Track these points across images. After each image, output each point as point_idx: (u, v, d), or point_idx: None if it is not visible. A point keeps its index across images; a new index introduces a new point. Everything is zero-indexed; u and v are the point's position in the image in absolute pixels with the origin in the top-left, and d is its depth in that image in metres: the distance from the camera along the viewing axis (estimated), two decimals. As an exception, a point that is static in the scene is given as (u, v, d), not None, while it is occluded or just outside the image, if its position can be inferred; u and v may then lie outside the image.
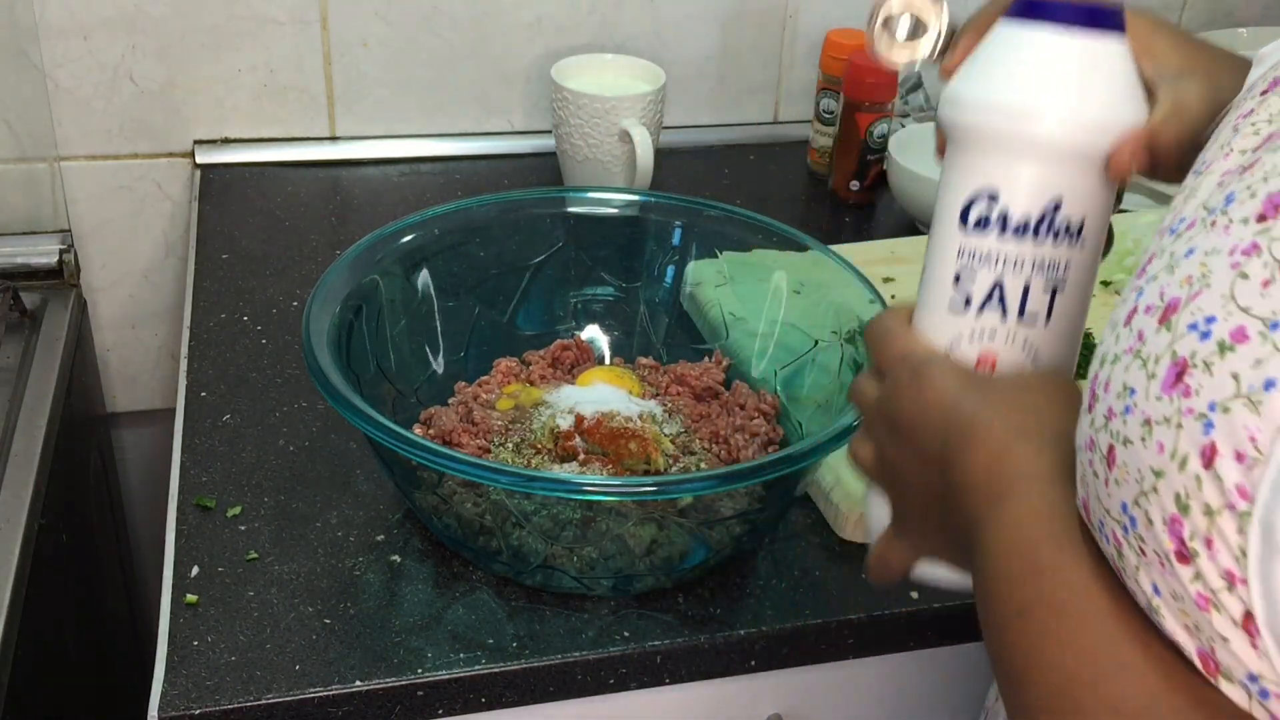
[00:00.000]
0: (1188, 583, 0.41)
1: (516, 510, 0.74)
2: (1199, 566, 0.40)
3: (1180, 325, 0.42)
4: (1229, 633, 0.40)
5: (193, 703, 0.70)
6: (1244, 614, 0.39)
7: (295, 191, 1.23)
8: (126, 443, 1.39)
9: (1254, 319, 0.40)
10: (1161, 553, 0.42)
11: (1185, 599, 0.42)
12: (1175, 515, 0.41)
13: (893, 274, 1.07)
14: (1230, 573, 0.39)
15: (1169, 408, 0.41)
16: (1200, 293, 0.42)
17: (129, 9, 1.18)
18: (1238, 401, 0.39)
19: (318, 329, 0.77)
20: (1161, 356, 0.42)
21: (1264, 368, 0.38)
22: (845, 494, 0.83)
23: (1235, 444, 0.39)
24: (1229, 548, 0.39)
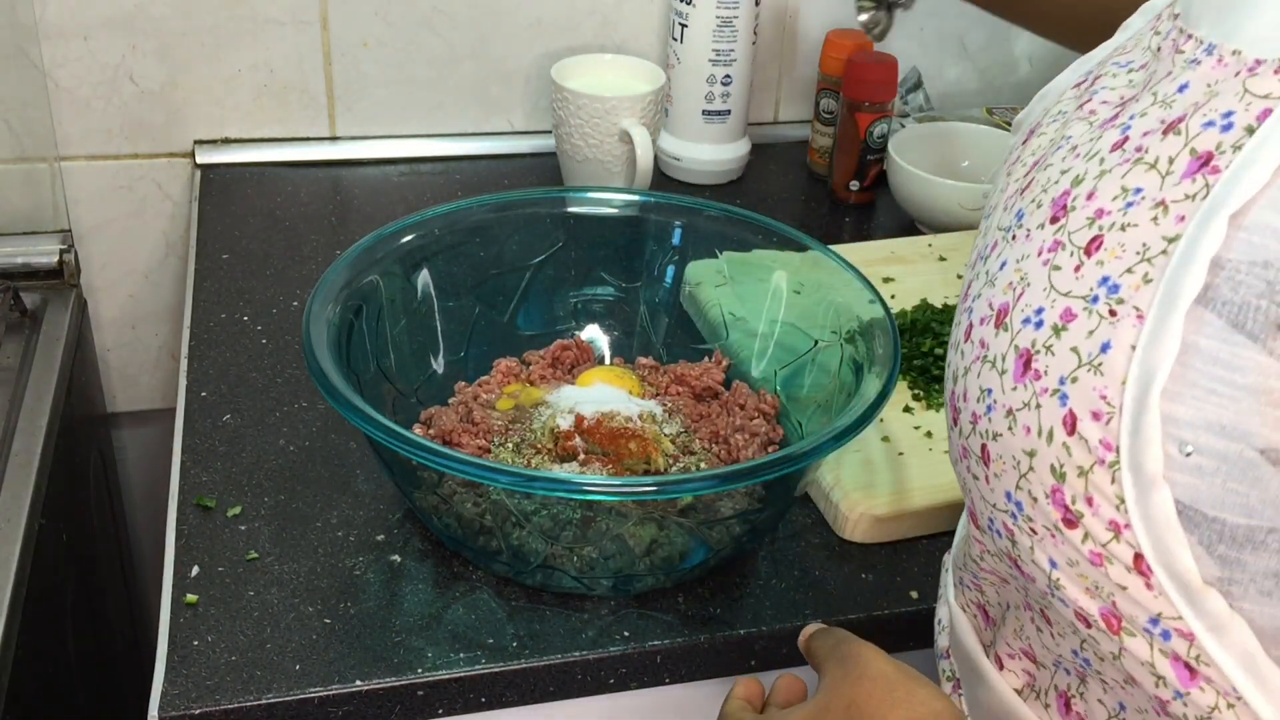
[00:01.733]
0: (1079, 544, 0.45)
1: (516, 510, 0.74)
2: (1085, 526, 0.44)
3: (1015, 323, 0.48)
4: (1125, 580, 0.44)
5: (193, 703, 0.70)
6: (1134, 557, 0.43)
7: (295, 191, 1.23)
8: (126, 443, 1.39)
9: (1075, 299, 0.45)
10: (1050, 525, 0.46)
11: (1080, 561, 0.45)
12: (1055, 485, 0.45)
13: (892, 274, 1.07)
14: (1114, 522, 0.43)
15: (1025, 394, 0.46)
16: (1023, 292, 0.48)
17: (129, 9, 1.18)
18: (1082, 369, 0.44)
19: (318, 329, 0.77)
20: (1006, 354, 0.48)
21: (1096, 336, 0.44)
22: (845, 494, 0.84)
23: (1090, 406, 0.43)
24: (1108, 499, 0.43)
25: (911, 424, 0.90)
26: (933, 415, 0.91)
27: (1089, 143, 0.49)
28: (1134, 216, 0.45)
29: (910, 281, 1.07)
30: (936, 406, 0.92)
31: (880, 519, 0.83)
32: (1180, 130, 0.44)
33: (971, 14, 1.40)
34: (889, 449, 0.88)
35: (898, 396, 0.92)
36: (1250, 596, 0.42)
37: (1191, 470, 0.41)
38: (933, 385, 0.94)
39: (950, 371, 0.53)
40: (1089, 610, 0.46)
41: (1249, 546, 0.41)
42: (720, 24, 1.22)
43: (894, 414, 0.91)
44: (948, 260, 1.11)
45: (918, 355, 0.95)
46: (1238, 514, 0.41)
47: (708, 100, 1.26)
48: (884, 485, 0.85)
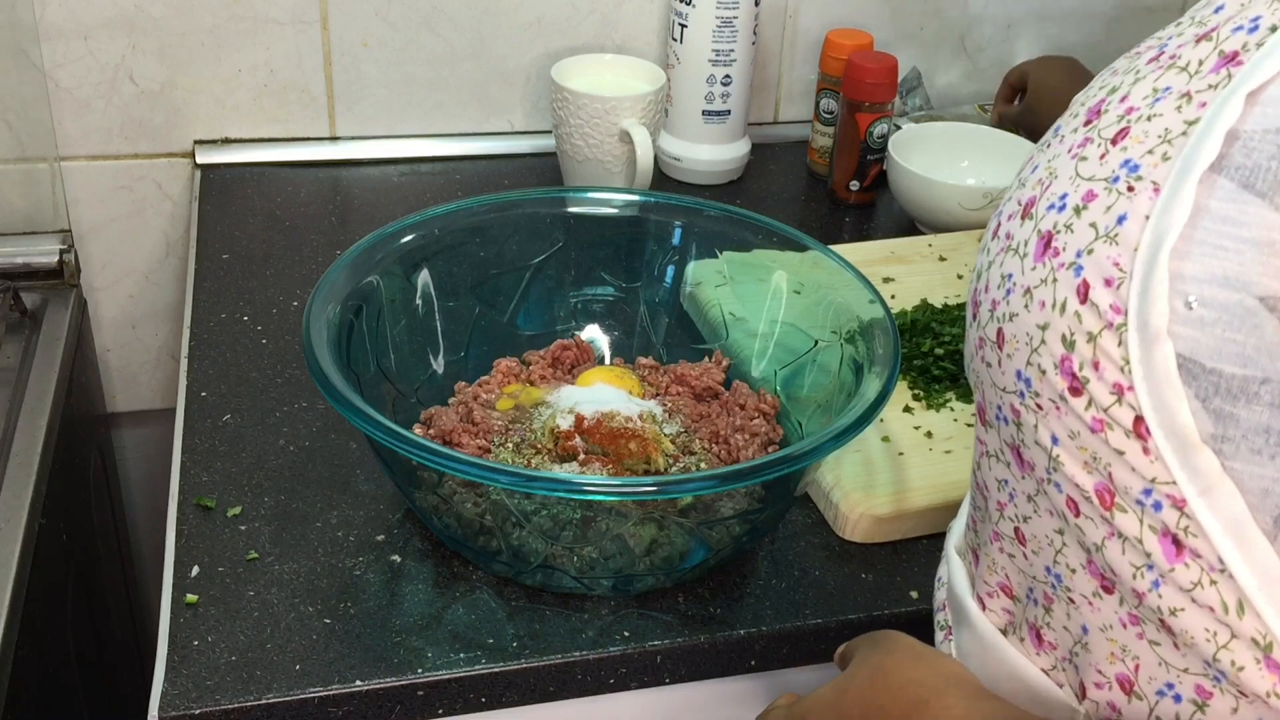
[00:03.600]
0: (1082, 412, 0.47)
1: (516, 510, 0.74)
2: (1090, 392, 0.47)
3: (1040, 210, 0.50)
4: (1123, 445, 0.46)
5: (193, 703, 0.70)
6: (1134, 420, 0.45)
7: (295, 191, 1.23)
8: (126, 443, 1.39)
9: (1098, 181, 0.48)
10: (1056, 396, 0.48)
11: (1081, 432, 0.47)
12: (1064, 355, 0.47)
13: (892, 274, 1.07)
14: (1118, 384, 0.46)
15: (1044, 271, 0.49)
16: (1050, 184, 0.51)
17: (129, 9, 1.18)
18: (1099, 242, 0.47)
19: (318, 329, 0.77)
20: (1029, 239, 0.50)
21: (1113, 210, 0.47)
22: (845, 494, 0.84)
23: (1103, 273, 0.46)
24: (1113, 362, 0.46)
25: (911, 424, 0.90)
26: (933, 415, 0.92)
27: (1127, 63, 0.53)
28: (1160, 108, 0.47)
29: (910, 281, 1.07)
30: (937, 406, 0.92)
31: (880, 519, 0.83)
32: (1211, 37, 0.47)
33: (972, 14, 1.40)
34: (889, 449, 0.88)
35: (898, 396, 0.92)
36: (1241, 455, 0.44)
37: (1194, 323, 0.44)
38: (933, 385, 0.94)
39: (975, 271, 0.55)
40: (1085, 486, 0.48)
41: (1243, 399, 0.43)
42: (720, 24, 1.22)
43: (894, 414, 0.91)
44: (948, 260, 1.11)
45: (918, 355, 0.95)
46: (1234, 364, 0.43)
47: (708, 100, 1.26)
48: (884, 485, 0.85)
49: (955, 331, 0.97)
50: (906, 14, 1.38)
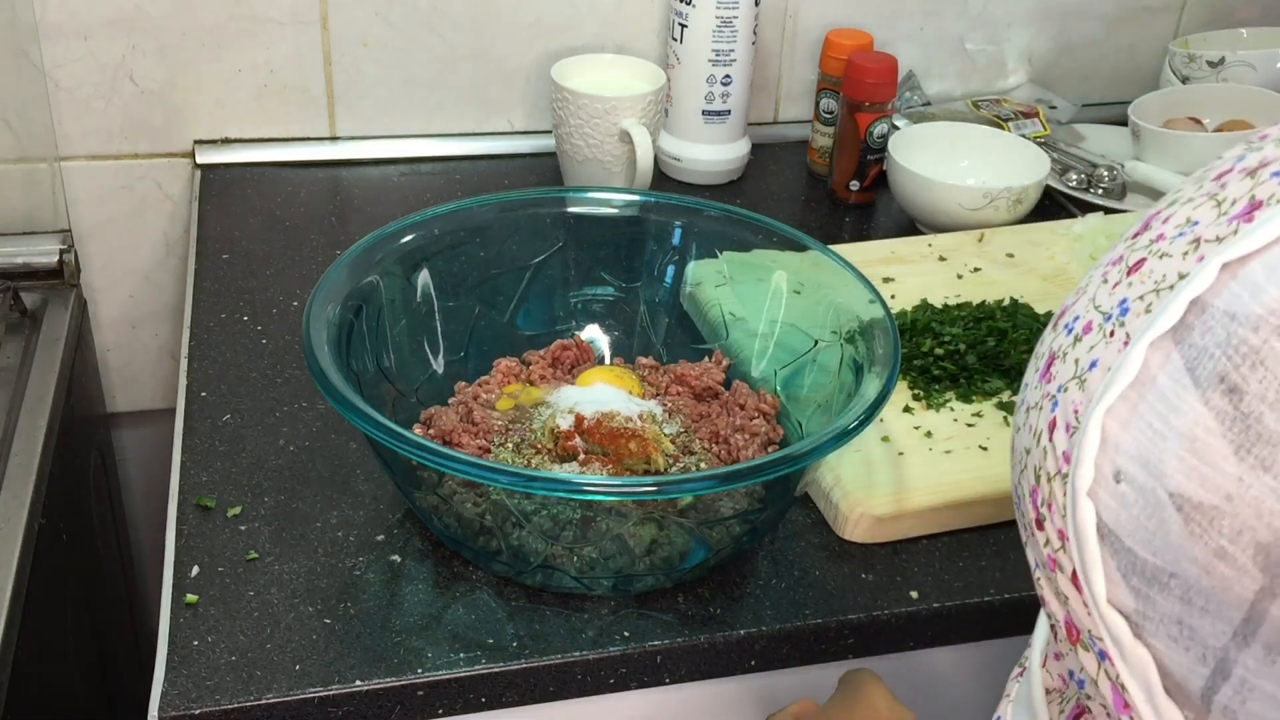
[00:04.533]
0: (1042, 547, 0.46)
1: (516, 510, 0.74)
2: (1046, 530, 0.46)
3: (1060, 326, 0.49)
4: (1068, 591, 0.45)
5: (193, 703, 0.70)
6: (1072, 572, 0.44)
7: (295, 191, 1.23)
8: (126, 443, 1.39)
9: (1099, 313, 0.46)
10: (1028, 523, 0.47)
11: (1044, 564, 0.47)
12: (1034, 486, 0.47)
13: (892, 274, 1.07)
14: (1061, 531, 0.45)
15: (1038, 394, 0.48)
16: (1078, 299, 0.49)
17: (129, 9, 1.18)
18: (1073, 382, 0.45)
19: (318, 329, 0.77)
20: (1043, 354, 0.49)
21: (1093, 351, 0.45)
22: (845, 494, 0.84)
23: (1066, 417, 0.45)
24: (1059, 508, 0.45)
25: (911, 424, 0.90)
26: (933, 415, 0.92)
27: (1203, 171, 0.49)
28: (1175, 247, 0.44)
29: (910, 281, 1.07)
30: (936, 406, 0.92)
31: (880, 519, 0.83)
32: (1257, 175, 0.44)
33: (972, 14, 1.40)
34: (889, 449, 0.88)
35: (898, 396, 0.92)
36: (1159, 636, 0.42)
37: (1117, 496, 0.42)
38: (933, 385, 0.94)
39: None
40: (1056, 616, 0.47)
41: (1156, 585, 0.41)
42: (720, 24, 1.22)
43: (894, 414, 0.91)
44: (948, 260, 1.11)
45: (918, 355, 0.95)
46: (1146, 549, 0.41)
47: (708, 100, 1.26)
48: (884, 485, 0.85)
49: (955, 331, 0.97)
50: (906, 14, 1.38)
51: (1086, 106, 1.48)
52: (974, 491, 0.85)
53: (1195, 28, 1.48)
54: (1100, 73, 1.49)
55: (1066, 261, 1.11)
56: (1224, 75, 1.35)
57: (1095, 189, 1.27)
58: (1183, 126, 1.31)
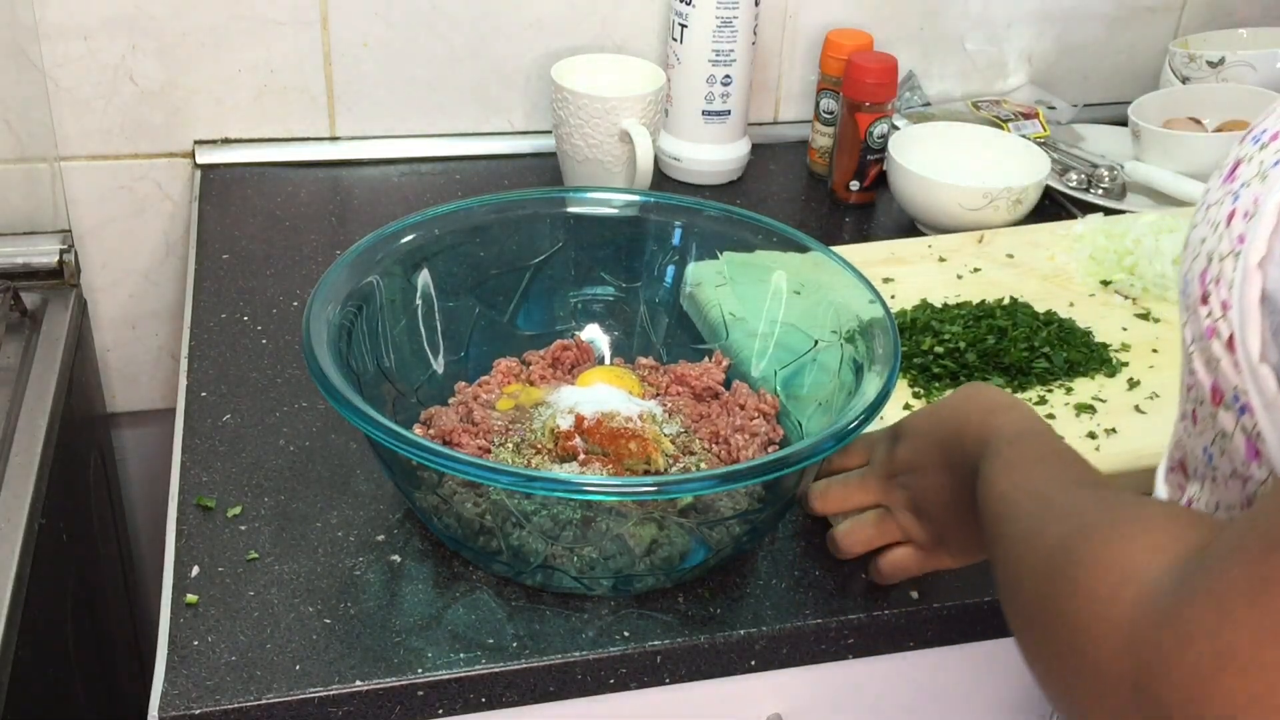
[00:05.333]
0: (1203, 319, 0.52)
1: (516, 510, 0.74)
2: (1210, 303, 0.52)
3: (1248, 139, 0.54)
4: (1221, 354, 0.51)
5: (193, 703, 0.70)
6: (1229, 336, 0.51)
7: (295, 191, 1.23)
8: (126, 443, 1.39)
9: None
10: (1191, 303, 0.54)
11: (1200, 337, 0.53)
12: (1204, 268, 0.53)
13: (892, 274, 1.07)
14: (1225, 302, 0.51)
15: (1221, 192, 0.54)
16: (1268, 117, 0.54)
17: (129, 9, 1.18)
18: (1256, 178, 0.51)
19: (318, 329, 0.77)
20: (1229, 162, 0.55)
21: (1278, 154, 0.51)
22: None
23: (1245, 207, 0.51)
24: (1226, 282, 0.51)
25: None
26: None
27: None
28: None
29: (910, 282, 1.07)
30: None
31: None
32: None
33: (972, 14, 1.40)
34: None
35: (898, 395, 0.92)
36: None
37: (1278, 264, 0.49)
38: (933, 384, 0.94)
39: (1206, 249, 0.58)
40: (1205, 383, 0.53)
41: None
42: (720, 24, 1.22)
43: (894, 412, 0.91)
44: (948, 260, 1.11)
45: (918, 354, 0.95)
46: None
47: (708, 100, 1.26)
48: None
49: (955, 330, 0.97)
50: (906, 14, 1.38)
51: (1086, 106, 1.48)
52: None
53: (1195, 28, 1.48)
54: (1100, 73, 1.49)
55: (1066, 262, 1.11)
56: (1224, 75, 1.35)
57: (1095, 189, 1.27)
58: (1183, 127, 1.30)
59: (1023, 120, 1.36)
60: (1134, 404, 0.93)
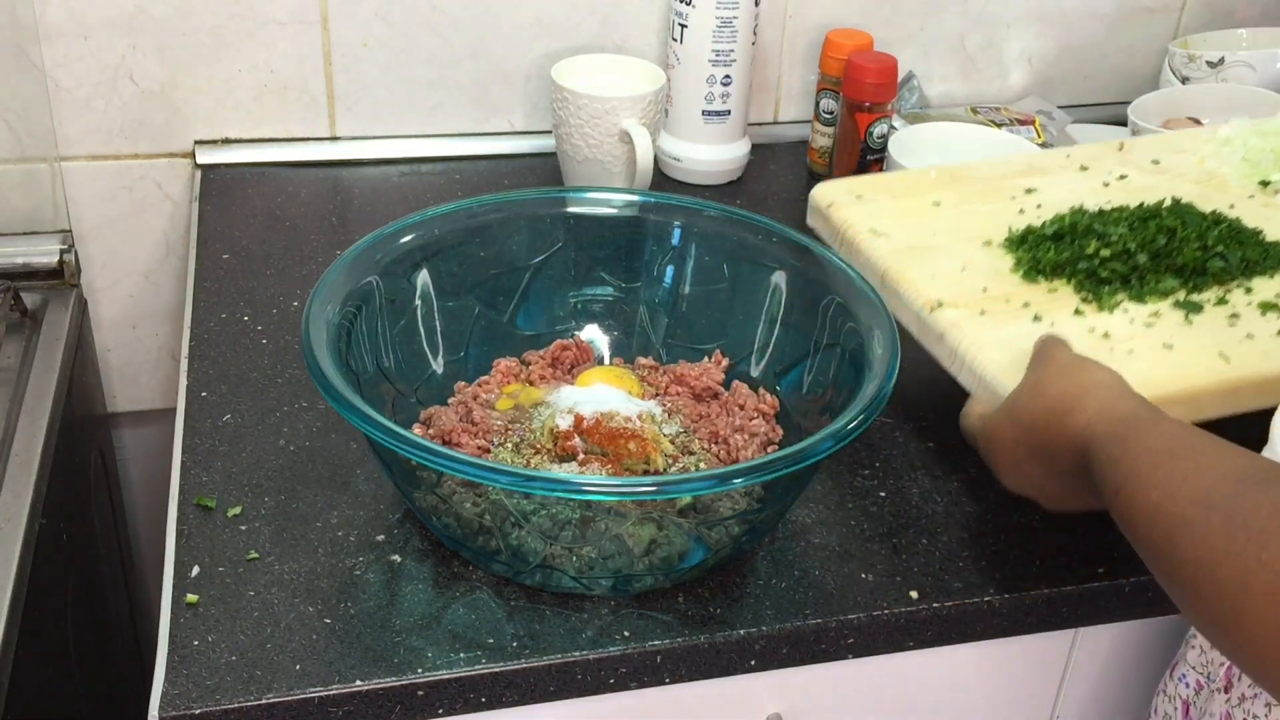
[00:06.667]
0: None
1: (516, 510, 0.74)
2: None
3: None
4: None
5: (193, 702, 0.70)
6: None
7: (295, 191, 1.23)
8: (126, 443, 1.39)
9: None
10: None
11: None
12: None
13: (1034, 184, 1.02)
14: None
15: None
16: None
17: (129, 9, 1.18)
18: None
19: (317, 329, 0.77)
20: None
21: None
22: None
23: None
24: None
25: (1085, 326, 0.86)
26: (1106, 317, 0.87)
27: None
28: None
29: (1055, 191, 1.02)
30: (1110, 308, 0.88)
31: None
32: None
33: (971, 15, 1.40)
34: None
35: (1065, 301, 0.89)
36: None
37: None
38: (1102, 288, 0.89)
39: None
40: None
41: None
42: (720, 24, 1.22)
43: (1065, 317, 0.87)
44: (1089, 169, 1.05)
45: (1082, 258, 0.91)
46: None
47: (708, 100, 1.26)
48: None
49: (1122, 231, 0.92)
50: (906, 14, 1.38)
51: (1086, 107, 1.48)
52: (1163, 391, 0.78)
53: (1195, 28, 1.48)
54: (1100, 73, 1.49)
55: (1217, 166, 1.05)
56: (1223, 75, 1.35)
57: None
58: (1182, 126, 1.30)
59: (1019, 127, 1.36)
60: None
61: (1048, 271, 0.91)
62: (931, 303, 0.89)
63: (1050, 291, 0.90)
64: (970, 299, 0.89)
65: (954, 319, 0.87)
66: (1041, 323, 0.86)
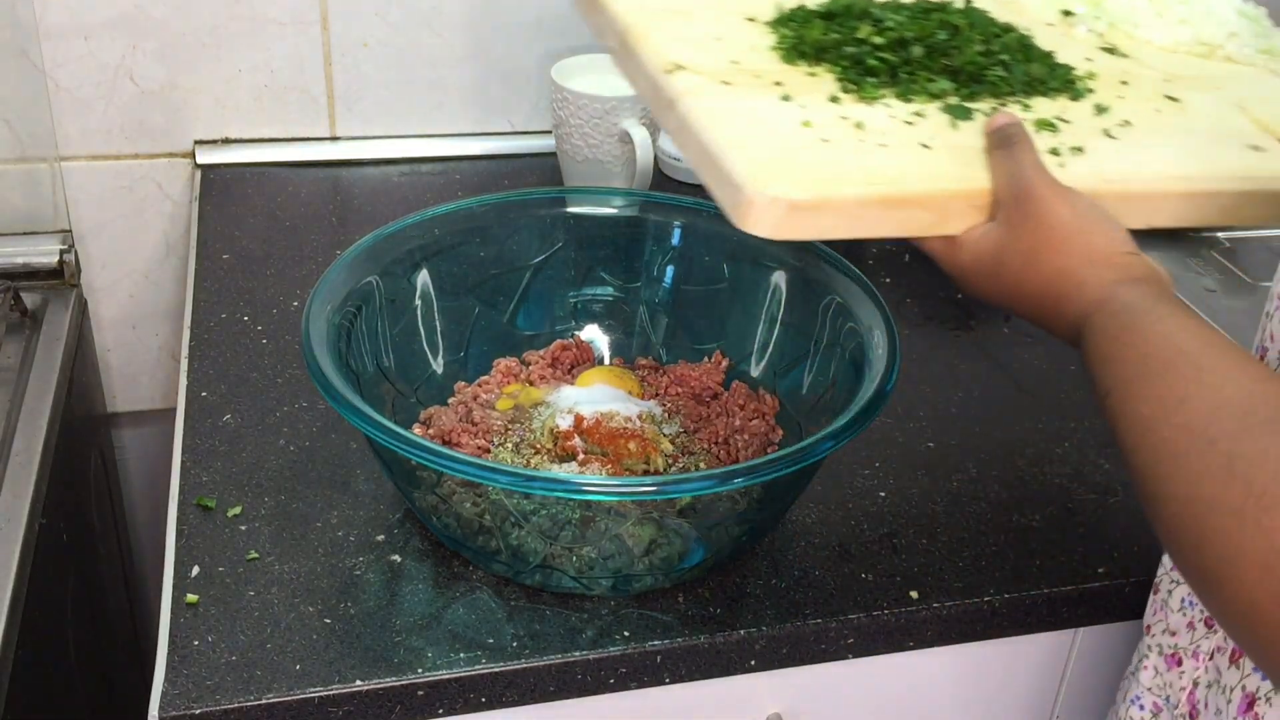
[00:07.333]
0: None
1: (516, 510, 0.74)
2: None
3: None
4: None
5: (193, 702, 0.70)
6: None
7: (295, 191, 1.23)
8: (126, 443, 1.39)
9: None
10: None
11: None
12: None
13: None
14: None
15: None
16: None
17: (129, 9, 1.18)
18: None
19: (318, 329, 0.77)
20: None
21: None
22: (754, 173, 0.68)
23: None
24: None
25: (839, 113, 0.75)
26: (864, 108, 0.76)
27: None
28: None
29: None
30: (869, 100, 0.77)
31: (797, 206, 0.66)
32: None
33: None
34: (811, 134, 0.72)
35: (823, 87, 0.78)
36: None
37: None
38: (866, 79, 0.78)
39: None
40: None
41: None
42: (720, 24, 1.22)
43: (819, 102, 0.75)
44: None
45: (850, 42, 0.81)
46: None
47: (708, 100, 1.26)
48: (805, 167, 0.68)
49: (900, 19, 0.82)
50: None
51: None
52: (914, 188, 0.69)
53: (1195, 28, 1.47)
54: (1100, 73, 1.49)
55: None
56: (1224, 75, 1.35)
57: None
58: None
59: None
60: (1103, 128, 0.78)
61: (811, 54, 0.80)
62: (669, 64, 0.77)
63: (809, 75, 0.79)
64: (716, 68, 0.77)
65: (690, 84, 0.75)
66: (791, 103, 0.75)
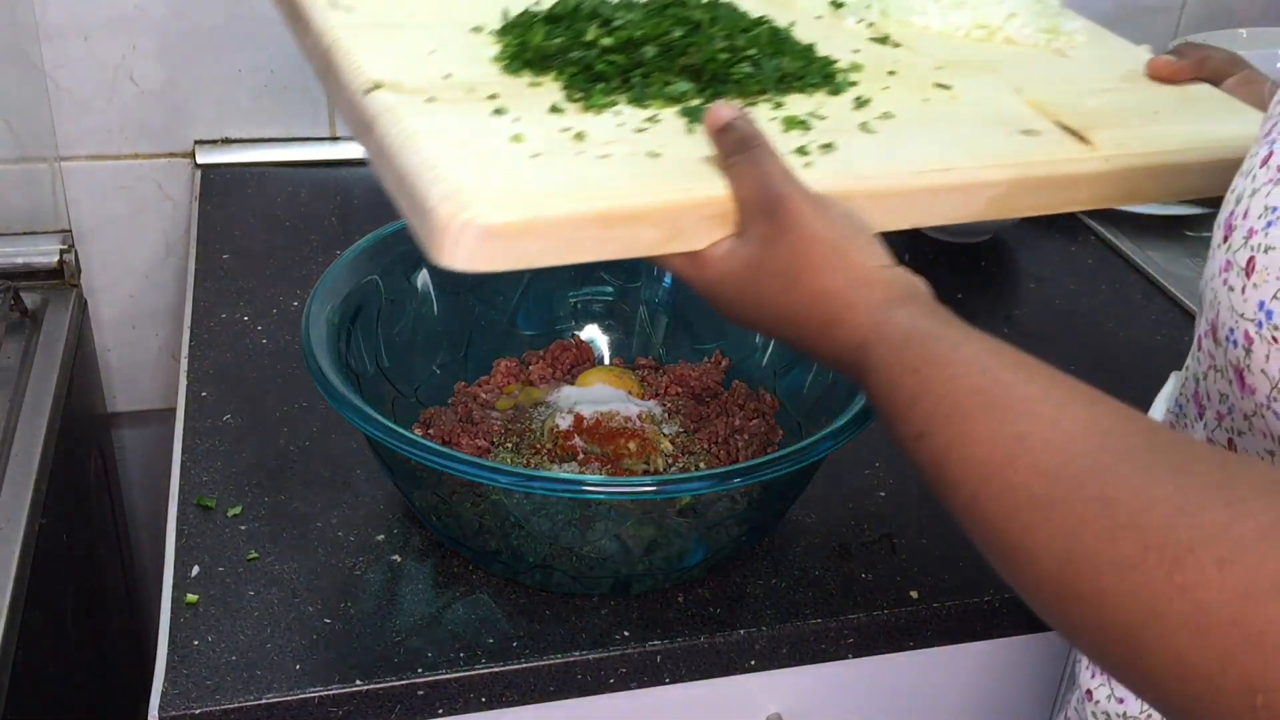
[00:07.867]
0: None
1: (516, 510, 0.74)
2: None
3: None
4: None
5: (193, 702, 0.70)
6: None
7: (295, 191, 1.23)
8: (126, 443, 1.39)
9: None
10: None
11: None
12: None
13: None
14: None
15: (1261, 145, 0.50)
16: None
17: (129, 9, 1.18)
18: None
19: (317, 329, 0.77)
20: None
21: None
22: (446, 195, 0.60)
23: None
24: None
25: (558, 126, 0.67)
26: (591, 118, 0.68)
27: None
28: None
29: None
30: (598, 109, 0.69)
31: (493, 231, 0.58)
32: None
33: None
34: (520, 151, 0.63)
35: (544, 97, 0.70)
36: None
37: None
38: (595, 85, 0.70)
39: (1234, 195, 0.55)
40: None
41: None
42: (720, 24, 1.22)
43: (536, 115, 0.67)
44: None
45: (578, 46, 0.72)
46: None
47: (708, 100, 1.26)
48: (506, 189, 0.60)
49: (632, 17, 0.73)
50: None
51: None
52: (634, 201, 0.61)
53: (1195, 28, 1.47)
54: (1100, 73, 1.49)
55: None
56: (1224, 75, 1.35)
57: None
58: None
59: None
60: (859, 122, 0.71)
61: (536, 62, 0.73)
62: (368, 83, 0.69)
63: (532, 85, 0.71)
64: (422, 84, 0.70)
65: (388, 104, 0.67)
66: (505, 117, 0.67)
